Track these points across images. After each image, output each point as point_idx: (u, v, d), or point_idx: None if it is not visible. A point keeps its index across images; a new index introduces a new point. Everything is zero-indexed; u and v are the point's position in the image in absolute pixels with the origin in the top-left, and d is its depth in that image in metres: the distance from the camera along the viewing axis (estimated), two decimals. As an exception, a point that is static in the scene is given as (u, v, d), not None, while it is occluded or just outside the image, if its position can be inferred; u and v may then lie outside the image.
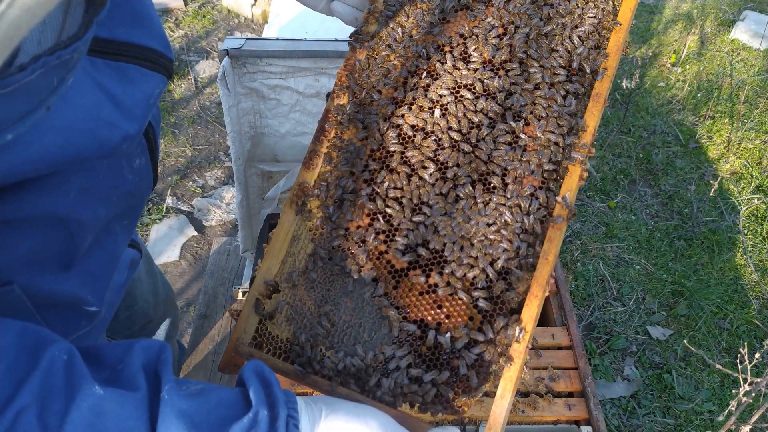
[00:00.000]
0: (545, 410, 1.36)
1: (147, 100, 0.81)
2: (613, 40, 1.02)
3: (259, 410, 0.68)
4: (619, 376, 2.53)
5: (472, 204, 0.97)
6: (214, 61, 4.08)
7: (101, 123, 0.72)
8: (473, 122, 1.01)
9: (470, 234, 0.95)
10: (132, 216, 0.97)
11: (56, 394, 0.60)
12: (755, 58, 4.12)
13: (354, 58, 1.07)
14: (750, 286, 2.84)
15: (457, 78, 1.03)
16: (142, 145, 0.94)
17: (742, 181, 3.34)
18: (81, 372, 0.62)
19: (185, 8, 4.51)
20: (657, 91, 3.90)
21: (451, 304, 0.93)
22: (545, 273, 0.89)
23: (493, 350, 0.87)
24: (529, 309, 0.88)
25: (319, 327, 0.94)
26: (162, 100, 3.75)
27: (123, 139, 0.76)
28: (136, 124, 0.78)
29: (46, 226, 0.76)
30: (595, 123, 0.97)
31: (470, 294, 0.92)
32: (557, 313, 1.59)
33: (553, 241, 0.91)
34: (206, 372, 1.63)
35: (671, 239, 3.06)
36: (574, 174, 0.95)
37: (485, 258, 0.93)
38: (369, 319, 0.95)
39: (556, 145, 0.96)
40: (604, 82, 0.99)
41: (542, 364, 1.44)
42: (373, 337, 0.93)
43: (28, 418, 0.57)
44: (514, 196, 0.95)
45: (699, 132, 3.63)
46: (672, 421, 2.38)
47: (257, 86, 1.87)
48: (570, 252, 2.98)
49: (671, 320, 2.73)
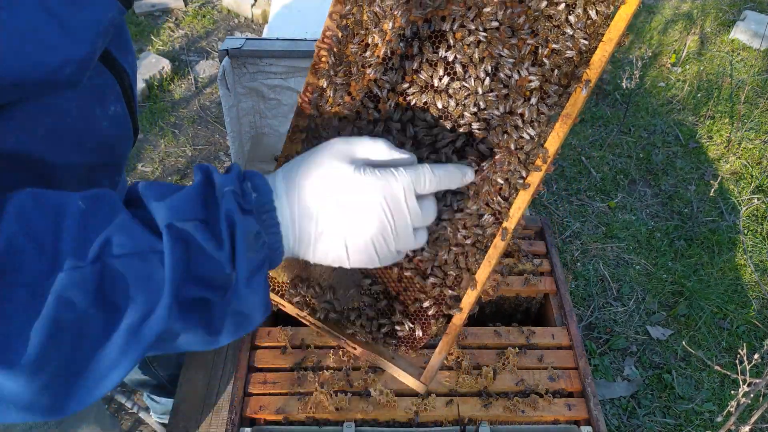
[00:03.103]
0: (545, 410, 1.36)
1: (96, 24, 0.78)
2: (598, 53, 0.91)
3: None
4: (619, 376, 2.53)
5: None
6: (214, 61, 4.08)
7: (37, 44, 0.70)
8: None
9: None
10: (117, 168, 0.98)
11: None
12: (755, 58, 4.12)
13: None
14: (750, 286, 2.84)
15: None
16: (116, 91, 0.93)
17: (742, 181, 3.34)
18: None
19: (185, 8, 4.51)
20: (657, 91, 3.90)
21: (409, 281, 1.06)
22: (484, 275, 0.99)
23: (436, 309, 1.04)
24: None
25: (311, 289, 1.09)
26: (162, 101, 3.76)
27: (64, 63, 0.73)
28: (81, 48, 0.75)
29: (19, 168, 0.76)
30: (558, 145, 0.92)
31: (424, 278, 1.04)
32: (557, 313, 1.59)
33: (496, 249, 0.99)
34: (206, 372, 1.63)
35: (671, 239, 3.06)
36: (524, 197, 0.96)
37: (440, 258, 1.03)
38: (346, 280, 1.07)
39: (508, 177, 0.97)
40: (577, 102, 0.90)
41: (542, 364, 1.44)
42: (348, 293, 1.08)
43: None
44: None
45: (699, 132, 3.63)
46: (672, 421, 2.38)
47: (257, 86, 1.87)
48: (570, 252, 2.98)
49: (671, 320, 2.73)
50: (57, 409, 0.65)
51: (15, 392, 0.61)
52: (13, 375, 0.59)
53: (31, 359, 0.59)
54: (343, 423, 1.33)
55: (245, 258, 0.68)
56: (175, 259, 0.64)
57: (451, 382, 1.39)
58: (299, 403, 1.35)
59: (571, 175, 3.36)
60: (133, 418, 2.40)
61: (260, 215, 0.72)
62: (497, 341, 1.49)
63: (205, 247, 0.66)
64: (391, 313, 1.07)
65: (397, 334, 1.06)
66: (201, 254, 0.66)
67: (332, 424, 1.34)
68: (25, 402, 0.62)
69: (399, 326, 1.05)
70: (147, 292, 0.64)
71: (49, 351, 0.60)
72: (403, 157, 0.81)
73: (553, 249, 1.72)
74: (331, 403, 1.34)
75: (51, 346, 0.60)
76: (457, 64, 0.92)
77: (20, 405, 0.62)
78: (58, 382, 0.63)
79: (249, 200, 0.71)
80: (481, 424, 1.33)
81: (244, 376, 1.40)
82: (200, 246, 0.66)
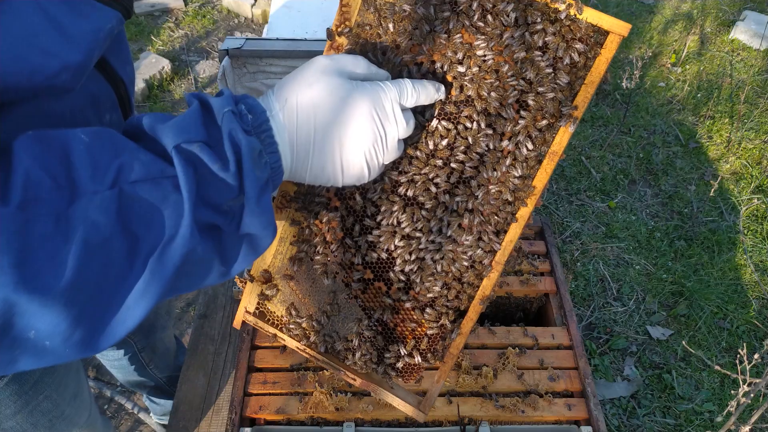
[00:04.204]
0: (545, 410, 1.36)
1: (96, 33, 0.79)
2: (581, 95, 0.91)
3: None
4: (619, 376, 2.53)
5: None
6: (214, 61, 4.08)
7: (35, 49, 0.70)
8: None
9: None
10: None
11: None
12: (755, 58, 4.12)
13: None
14: (750, 286, 2.84)
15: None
16: (112, 100, 0.93)
17: (742, 181, 3.34)
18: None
19: (185, 8, 4.51)
20: (657, 91, 3.90)
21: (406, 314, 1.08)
22: (477, 308, 1.01)
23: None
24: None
25: (308, 320, 1.08)
26: (162, 101, 3.76)
27: (62, 69, 0.74)
28: (79, 55, 0.76)
29: None
30: (546, 181, 0.94)
31: (422, 310, 1.05)
32: (557, 313, 1.59)
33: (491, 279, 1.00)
34: (206, 372, 1.63)
35: (671, 239, 3.06)
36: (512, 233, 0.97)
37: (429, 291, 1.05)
38: (344, 313, 1.08)
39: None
40: (563, 140, 0.91)
41: (542, 364, 1.44)
42: (346, 326, 1.08)
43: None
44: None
45: (699, 132, 3.63)
46: (672, 421, 2.38)
47: (257, 86, 1.87)
48: (570, 252, 2.98)
49: (671, 320, 2.73)
50: (90, 344, 0.66)
51: (51, 325, 0.61)
52: (51, 302, 0.60)
53: (67, 282, 0.60)
54: (343, 423, 1.33)
55: (254, 176, 0.70)
56: (188, 180, 0.65)
57: (451, 382, 1.39)
58: (299, 403, 1.35)
59: (571, 175, 3.36)
60: (133, 419, 2.40)
61: (258, 135, 0.74)
62: (497, 341, 1.49)
63: (211, 168, 0.67)
64: (389, 345, 1.08)
65: (395, 364, 1.08)
66: (208, 176, 0.68)
67: (332, 424, 1.34)
68: (60, 336, 0.63)
69: (397, 357, 1.07)
70: (164, 217, 0.65)
71: (81, 275, 0.61)
72: (379, 72, 0.86)
73: (553, 249, 1.72)
74: (331, 403, 1.34)
75: (83, 270, 0.61)
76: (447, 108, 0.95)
77: (56, 340, 0.63)
78: (90, 312, 0.64)
79: (246, 121, 0.72)
80: (481, 424, 1.33)
81: (244, 376, 1.40)
82: (207, 167, 0.67)
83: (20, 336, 0.61)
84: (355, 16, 0.92)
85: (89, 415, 1.39)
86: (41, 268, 0.59)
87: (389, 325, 1.07)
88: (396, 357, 1.07)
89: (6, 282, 0.57)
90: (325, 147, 0.79)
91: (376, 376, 1.10)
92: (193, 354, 1.67)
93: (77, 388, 1.31)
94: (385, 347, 1.08)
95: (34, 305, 0.59)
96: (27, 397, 1.15)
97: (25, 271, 0.58)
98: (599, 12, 0.86)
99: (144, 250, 0.65)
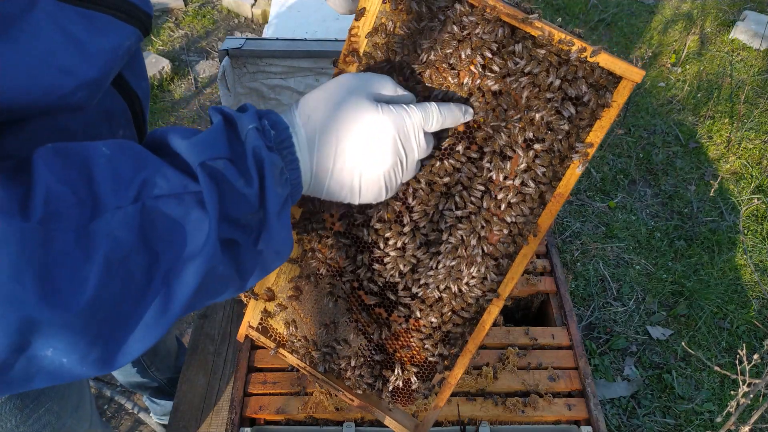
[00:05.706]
0: (545, 410, 1.36)
1: (114, 50, 0.78)
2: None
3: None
4: (619, 376, 2.53)
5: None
6: (214, 61, 4.08)
7: (52, 68, 0.70)
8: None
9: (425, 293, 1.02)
10: None
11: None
12: (755, 58, 4.12)
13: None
14: (750, 286, 2.84)
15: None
16: (127, 116, 0.92)
17: (742, 181, 3.34)
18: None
19: (185, 8, 4.51)
20: (657, 91, 3.90)
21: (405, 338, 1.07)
22: (477, 340, 1.02)
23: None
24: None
25: (304, 341, 1.10)
26: (162, 100, 3.76)
27: (78, 87, 0.74)
28: (95, 73, 0.76)
29: None
30: (551, 222, 0.92)
31: (422, 341, 1.04)
32: (557, 313, 1.59)
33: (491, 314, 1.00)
34: (206, 372, 1.63)
35: (671, 239, 3.06)
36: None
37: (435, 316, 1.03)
38: (344, 335, 1.08)
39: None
40: (570, 182, 0.89)
41: (542, 364, 1.44)
42: (345, 348, 1.09)
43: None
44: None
45: (699, 132, 3.63)
46: (672, 421, 2.38)
47: (257, 86, 1.87)
48: (570, 252, 2.98)
49: (671, 320, 2.73)
50: (107, 362, 0.65)
51: (69, 343, 0.60)
52: (71, 320, 0.58)
53: (88, 300, 0.59)
54: (343, 423, 1.33)
55: (275, 192, 0.70)
56: (213, 197, 0.65)
57: (451, 382, 1.40)
58: (299, 403, 1.35)
59: (571, 175, 3.36)
60: (133, 419, 2.40)
61: (280, 151, 0.73)
62: (498, 341, 1.49)
63: (234, 185, 0.67)
64: (388, 368, 1.08)
65: (393, 388, 1.08)
66: (229, 192, 0.67)
67: (332, 424, 1.34)
68: (78, 354, 0.61)
69: (395, 381, 1.07)
70: (185, 234, 0.64)
71: (101, 292, 0.60)
72: (404, 94, 0.85)
73: (553, 249, 1.72)
74: (331, 403, 1.34)
75: (103, 287, 0.60)
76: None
77: (73, 358, 0.62)
78: (108, 330, 0.63)
79: (269, 137, 0.72)
80: (481, 424, 1.33)
81: (244, 376, 1.40)
82: (230, 184, 0.67)
83: (38, 354, 0.60)
84: (364, 47, 0.90)
85: (90, 425, 1.39)
86: (62, 285, 0.58)
87: (388, 350, 1.07)
88: (393, 381, 1.07)
89: (27, 299, 0.55)
90: (345, 168, 0.78)
91: (374, 398, 1.11)
92: (193, 354, 1.67)
93: (79, 399, 1.30)
94: (381, 372, 1.08)
95: (54, 323, 0.58)
96: (29, 410, 1.14)
97: (46, 288, 0.56)
98: (614, 57, 0.83)
99: (163, 267, 0.64)
